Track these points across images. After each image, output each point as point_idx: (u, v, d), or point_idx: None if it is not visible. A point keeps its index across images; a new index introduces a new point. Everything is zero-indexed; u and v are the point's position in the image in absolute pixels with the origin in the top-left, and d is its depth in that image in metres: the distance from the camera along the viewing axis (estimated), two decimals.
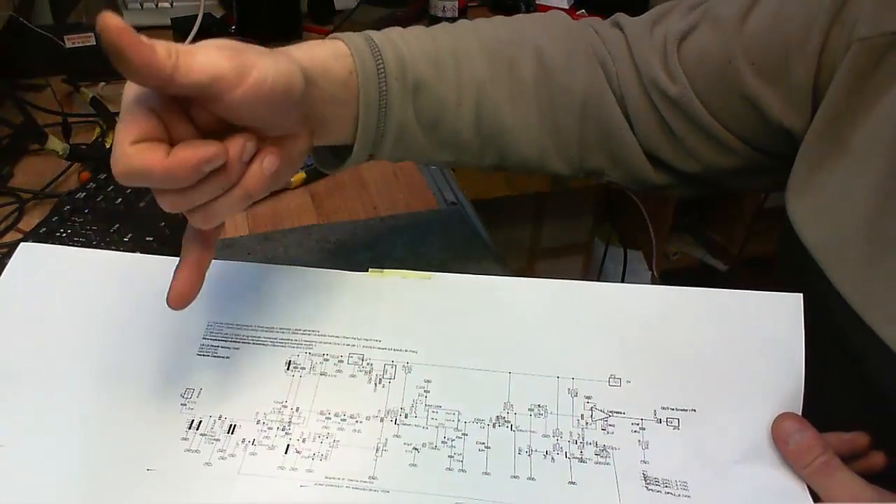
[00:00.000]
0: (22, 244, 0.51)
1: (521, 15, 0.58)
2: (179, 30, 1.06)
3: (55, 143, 0.73)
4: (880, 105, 0.46)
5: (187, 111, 0.37)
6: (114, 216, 0.67)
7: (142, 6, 1.21)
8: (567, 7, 1.24)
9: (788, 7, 0.50)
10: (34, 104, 0.84)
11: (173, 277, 0.40)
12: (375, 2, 1.31)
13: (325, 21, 1.27)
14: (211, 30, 1.06)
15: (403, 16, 1.31)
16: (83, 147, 0.80)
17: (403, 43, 0.49)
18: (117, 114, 0.88)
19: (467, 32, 0.53)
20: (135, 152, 0.34)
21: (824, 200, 0.48)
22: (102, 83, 0.96)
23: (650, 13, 0.57)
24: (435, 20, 1.25)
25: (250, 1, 1.10)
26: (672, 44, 0.53)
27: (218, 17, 1.18)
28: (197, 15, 0.94)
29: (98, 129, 0.85)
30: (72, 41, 0.98)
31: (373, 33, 0.49)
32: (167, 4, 1.21)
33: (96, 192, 0.71)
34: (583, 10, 1.23)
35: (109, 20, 0.31)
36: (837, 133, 0.47)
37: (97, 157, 0.78)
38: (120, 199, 0.70)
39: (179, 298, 0.40)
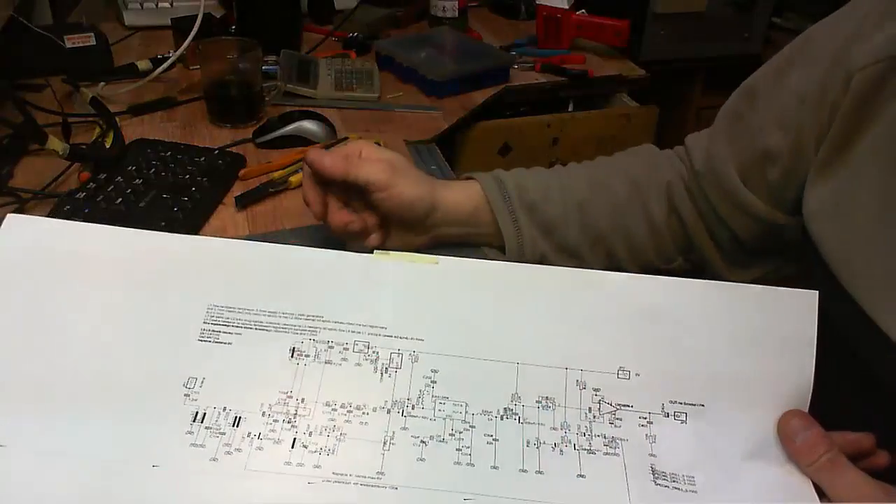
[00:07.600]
0: (10, 215, 0.47)
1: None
2: (179, 30, 1.06)
3: (55, 143, 0.73)
4: (882, 120, 0.47)
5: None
6: (114, 216, 0.67)
7: (142, 6, 1.21)
8: (567, 7, 1.23)
9: (801, 72, 0.54)
10: (34, 104, 0.84)
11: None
12: (375, 2, 1.30)
13: (325, 21, 1.27)
14: (211, 30, 1.06)
15: (403, 16, 1.31)
16: (83, 147, 0.80)
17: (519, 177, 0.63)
18: (117, 114, 0.88)
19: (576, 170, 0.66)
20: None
21: (832, 205, 0.49)
22: (102, 83, 0.96)
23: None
24: (435, 20, 1.25)
25: (250, 1, 1.10)
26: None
27: (218, 17, 1.18)
28: (197, 15, 0.94)
29: (98, 129, 0.85)
30: (72, 41, 0.98)
31: (501, 172, 0.64)
32: (167, 4, 1.21)
33: (96, 191, 0.70)
34: (583, 11, 1.23)
35: (314, 157, 0.56)
36: (843, 149, 0.49)
37: (97, 157, 0.77)
38: (120, 200, 0.69)
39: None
